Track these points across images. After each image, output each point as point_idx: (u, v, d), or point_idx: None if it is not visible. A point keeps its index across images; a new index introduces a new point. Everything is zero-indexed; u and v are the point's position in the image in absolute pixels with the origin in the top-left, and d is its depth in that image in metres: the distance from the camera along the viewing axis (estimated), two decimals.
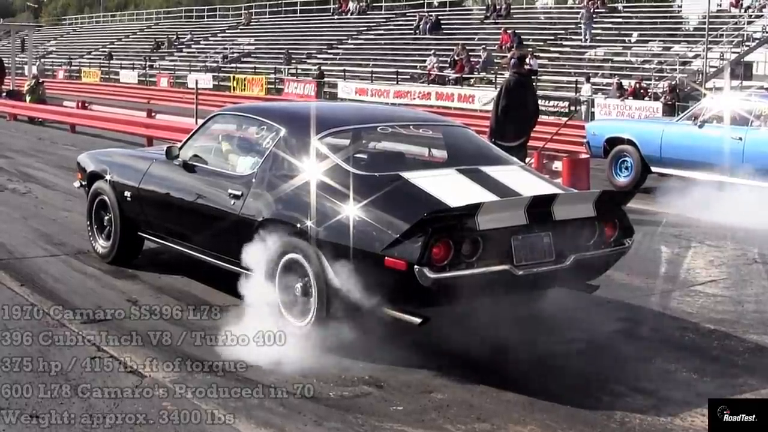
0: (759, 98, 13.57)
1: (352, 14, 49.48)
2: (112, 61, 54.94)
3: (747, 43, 31.35)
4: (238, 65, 47.12)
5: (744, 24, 32.28)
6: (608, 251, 6.01)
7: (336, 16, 50.52)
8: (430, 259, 5.19)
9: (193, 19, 61.35)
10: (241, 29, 54.61)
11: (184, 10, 64.52)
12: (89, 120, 22.31)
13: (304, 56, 45.23)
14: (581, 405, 5.02)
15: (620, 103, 26.81)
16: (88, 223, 8.29)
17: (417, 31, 42.83)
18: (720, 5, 35.69)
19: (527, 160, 11.41)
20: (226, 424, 4.75)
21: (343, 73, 38.90)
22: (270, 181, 6.30)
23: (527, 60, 17.54)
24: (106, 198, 7.98)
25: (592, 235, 5.87)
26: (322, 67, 40.07)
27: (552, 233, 5.64)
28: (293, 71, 42.29)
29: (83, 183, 8.52)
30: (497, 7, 42.28)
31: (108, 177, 7.97)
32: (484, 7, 44.43)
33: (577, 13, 39.37)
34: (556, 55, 36.14)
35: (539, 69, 31.66)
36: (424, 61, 37.75)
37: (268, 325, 5.94)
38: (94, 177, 8.24)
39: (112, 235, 7.96)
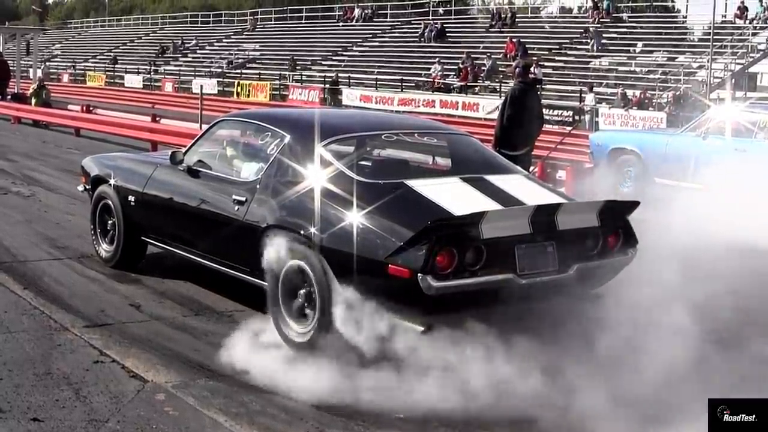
0: (763, 110, 13.56)
1: (357, 21, 49.57)
2: (117, 66, 55.08)
3: (751, 55, 31.39)
4: (243, 71, 47.21)
5: (749, 35, 32.32)
6: (611, 261, 6.01)
7: (341, 23, 50.62)
8: (434, 267, 5.18)
9: (198, 25, 61.49)
10: (246, 35, 54.71)
11: (189, 16, 64.66)
12: (93, 124, 22.35)
13: (309, 63, 45.30)
14: (581, 413, 5.01)
15: (624, 113, 26.83)
16: (92, 227, 8.30)
17: (422, 39, 42.89)
18: (725, 16, 35.79)
19: (531, 168, 11.41)
20: (229, 429, 4.74)
21: (348, 80, 38.96)
22: (274, 187, 6.30)
23: (532, 69, 17.57)
24: (109, 202, 7.99)
25: (595, 244, 5.88)
26: (327, 74, 40.12)
27: (555, 243, 5.64)
28: (298, 78, 42.34)
29: (87, 187, 8.53)
30: (502, 15, 42.38)
31: (112, 181, 7.98)
32: (489, 16, 44.48)
33: (582, 22, 39.44)
34: (561, 64, 36.18)
35: (543, 78, 31.70)
36: (429, 68, 37.80)
37: (271, 331, 5.95)
38: (98, 181, 8.25)
39: (115, 239, 7.96)
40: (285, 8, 56.74)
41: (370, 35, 47.08)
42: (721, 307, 6.64)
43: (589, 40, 36.25)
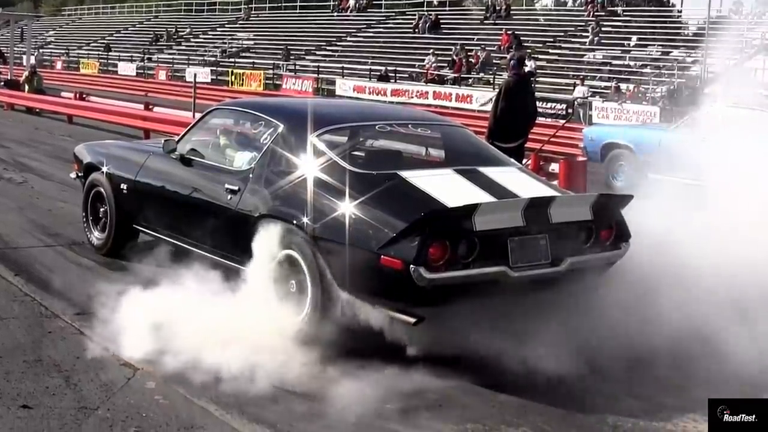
0: (755, 106, 13.53)
1: (351, 11, 49.44)
2: (110, 53, 54.87)
3: (746, 50, 31.38)
4: (237, 60, 47.08)
5: (744, 30, 32.32)
6: (604, 255, 6.00)
7: (335, 13, 50.48)
8: (427, 259, 5.18)
9: (193, 13, 61.27)
10: (240, 24, 54.56)
11: (183, 4, 64.36)
12: (86, 111, 22.28)
13: (303, 53, 45.19)
14: (574, 408, 5.02)
15: (618, 107, 26.82)
16: (84, 214, 8.28)
17: (416, 30, 42.81)
18: (720, 11, 35.75)
19: (524, 161, 11.41)
20: (218, 419, 4.74)
21: (341, 71, 38.89)
22: (267, 176, 6.29)
23: (526, 61, 17.56)
24: (102, 190, 7.96)
25: (588, 238, 5.87)
26: (321, 65, 40.01)
27: (548, 236, 5.63)
28: (291, 67, 42.25)
29: (79, 174, 8.51)
30: (497, 7, 42.30)
31: (104, 169, 7.95)
32: (484, 8, 44.43)
33: (577, 15, 39.43)
34: (555, 57, 36.16)
35: (537, 71, 31.70)
36: (423, 60, 37.75)
37: (262, 321, 5.93)
38: (90, 168, 8.23)
39: (107, 227, 7.94)
40: None
41: (365, 26, 46.97)
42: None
43: (590, 35, 36.22)
